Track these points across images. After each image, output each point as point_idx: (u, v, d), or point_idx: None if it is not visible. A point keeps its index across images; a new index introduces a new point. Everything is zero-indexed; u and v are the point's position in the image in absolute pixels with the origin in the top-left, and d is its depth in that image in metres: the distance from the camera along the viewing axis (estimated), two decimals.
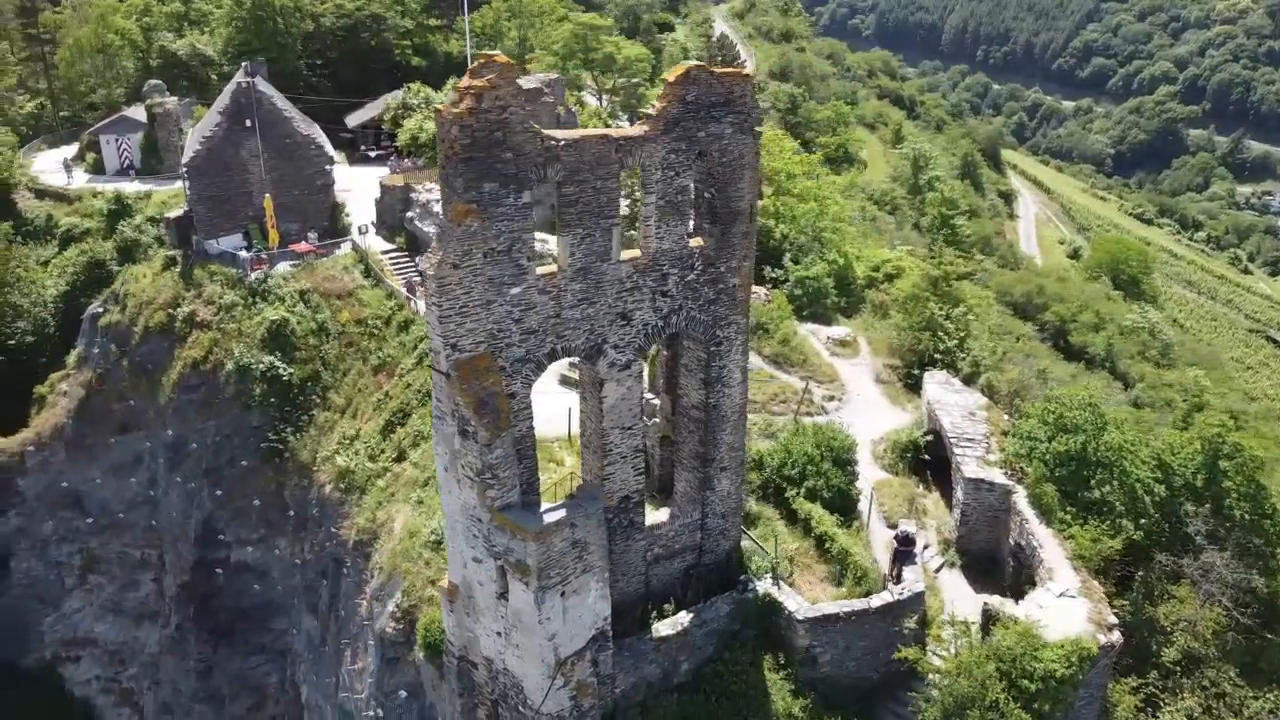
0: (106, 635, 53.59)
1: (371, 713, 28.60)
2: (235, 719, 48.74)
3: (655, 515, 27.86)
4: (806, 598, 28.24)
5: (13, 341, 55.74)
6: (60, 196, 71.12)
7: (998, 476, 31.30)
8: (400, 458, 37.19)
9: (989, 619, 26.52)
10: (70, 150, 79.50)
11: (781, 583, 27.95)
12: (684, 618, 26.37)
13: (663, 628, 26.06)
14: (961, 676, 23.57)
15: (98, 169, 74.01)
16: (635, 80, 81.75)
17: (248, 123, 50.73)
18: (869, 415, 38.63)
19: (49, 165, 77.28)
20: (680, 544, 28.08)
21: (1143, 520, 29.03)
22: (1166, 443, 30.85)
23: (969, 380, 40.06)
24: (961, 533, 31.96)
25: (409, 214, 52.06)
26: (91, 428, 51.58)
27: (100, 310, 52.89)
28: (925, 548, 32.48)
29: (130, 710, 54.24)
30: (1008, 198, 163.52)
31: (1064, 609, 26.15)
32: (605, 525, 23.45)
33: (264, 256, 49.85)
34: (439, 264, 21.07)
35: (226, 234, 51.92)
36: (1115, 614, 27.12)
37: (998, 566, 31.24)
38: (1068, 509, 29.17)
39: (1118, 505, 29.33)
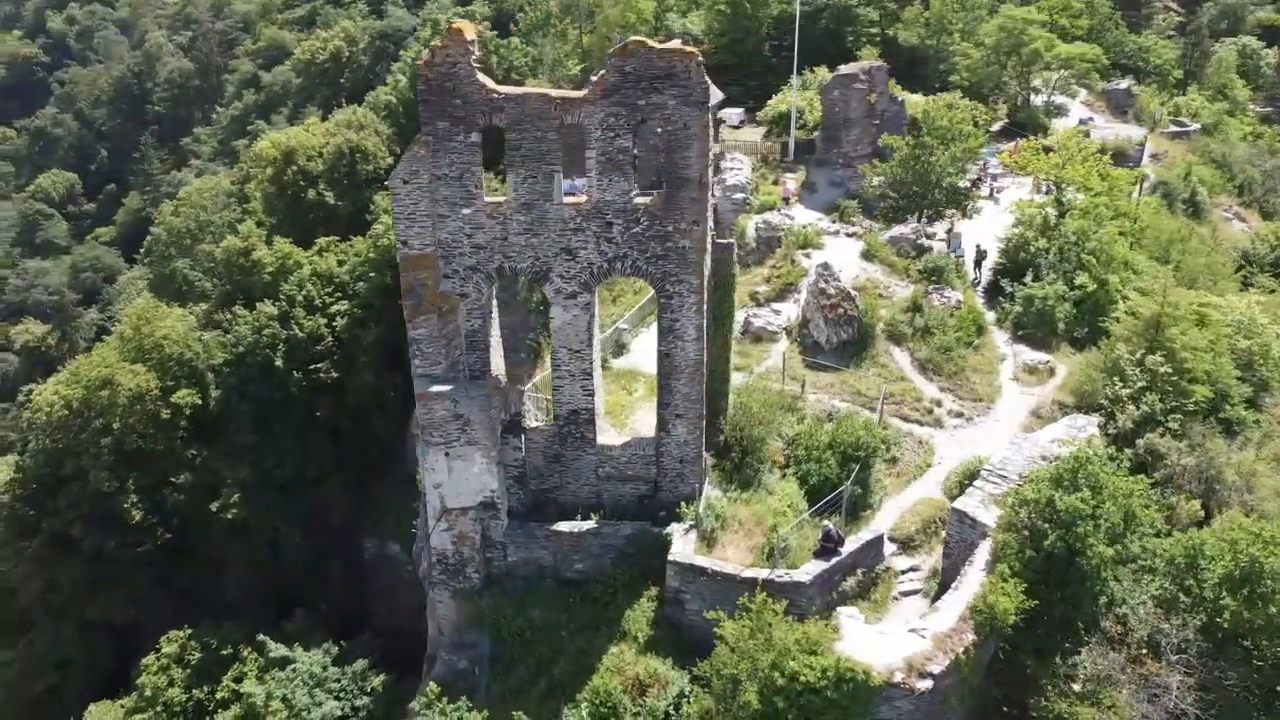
0: None
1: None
2: None
3: (608, 437, 31.62)
4: (717, 555, 29.72)
5: None
6: None
7: (984, 515, 28.51)
8: None
9: None
10: None
11: (693, 531, 29.77)
12: (585, 525, 30.10)
13: (562, 526, 30.16)
14: (723, 649, 24.21)
15: None
16: (1073, 78, 75.45)
17: None
18: (987, 442, 35.74)
19: None
20: (633, 471, 31.43)
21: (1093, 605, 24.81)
22: (1193, 541, 25.31)
23: (1124, 439, 34.42)
24: (945, 565, 29.79)
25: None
26: None
27: None
28: (912, 570, 30.96)
29: None
30: None
31: (897, 642, 24.44)
32: (489, 412, 28.44)
33: None
34: (393, 178, 27.96)
35: None
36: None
37: None
38: (1013, 564, 25.93)
39: (1085, 576, 25.30)
